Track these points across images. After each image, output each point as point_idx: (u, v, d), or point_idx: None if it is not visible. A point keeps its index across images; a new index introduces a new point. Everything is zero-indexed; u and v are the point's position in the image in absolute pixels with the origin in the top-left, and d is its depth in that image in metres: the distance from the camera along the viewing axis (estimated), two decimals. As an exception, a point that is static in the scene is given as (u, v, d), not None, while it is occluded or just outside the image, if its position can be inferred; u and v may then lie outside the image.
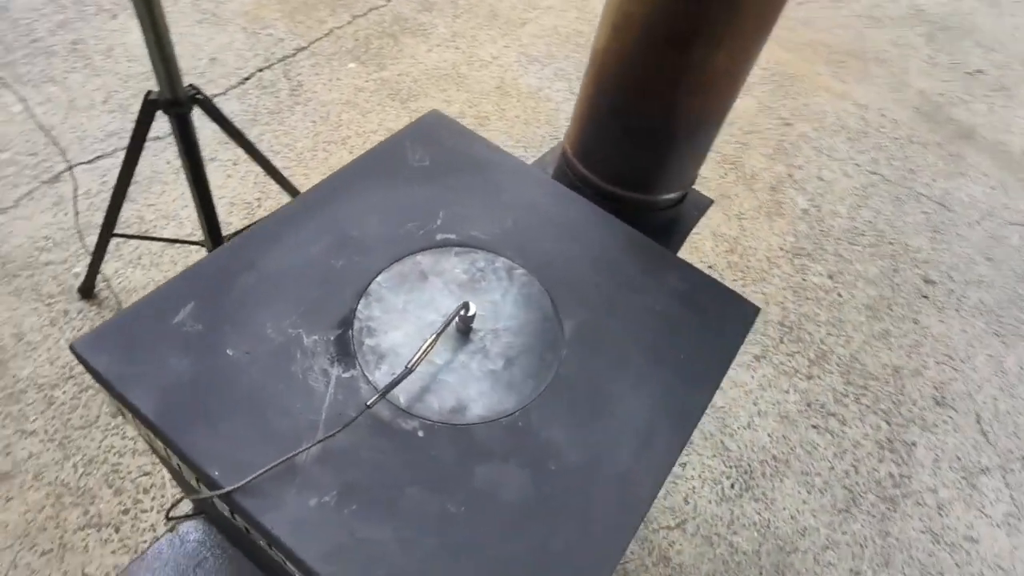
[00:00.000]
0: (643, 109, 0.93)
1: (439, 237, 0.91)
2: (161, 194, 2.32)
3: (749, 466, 1.87)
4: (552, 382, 0.78)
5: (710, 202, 1.16)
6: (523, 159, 1.06)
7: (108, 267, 2.29)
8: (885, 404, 2.08)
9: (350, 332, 0.79)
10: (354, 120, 2.59)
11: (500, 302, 0.84)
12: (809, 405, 2.03)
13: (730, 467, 1.85)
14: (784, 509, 1.80)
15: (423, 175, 0.98)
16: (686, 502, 1.78)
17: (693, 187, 1.13)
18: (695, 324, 0.87)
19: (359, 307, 0.81)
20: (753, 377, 2.08)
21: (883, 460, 1.95)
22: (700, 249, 2.40)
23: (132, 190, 2.43)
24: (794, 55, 3.29)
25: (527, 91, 2.81)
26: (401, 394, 0.74)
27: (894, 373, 2.16)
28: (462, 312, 0.77)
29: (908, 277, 2.46)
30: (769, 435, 1.94)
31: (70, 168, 2.51)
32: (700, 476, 1.83)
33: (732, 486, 1.81)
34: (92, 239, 2.06)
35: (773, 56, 3.25)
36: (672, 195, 1.06)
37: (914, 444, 2.00)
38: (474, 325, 0.81)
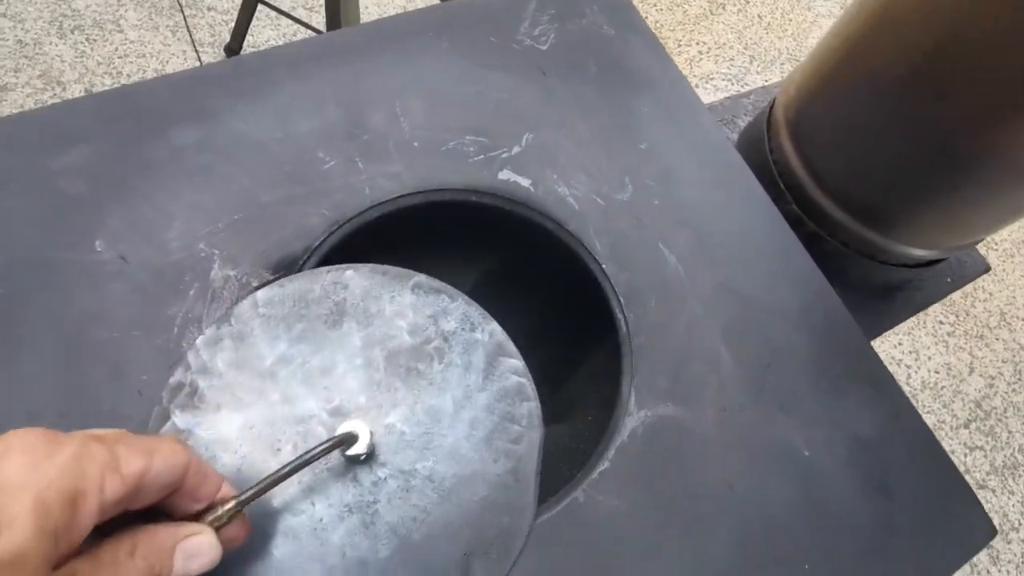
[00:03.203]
0: (971, 117, 0.46)
1: (504, 175, 0.54)
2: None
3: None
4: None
5: (983, 269, 0.67)
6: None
7: (261, 35, 2.11)
8: (1067, 568, 1.53)
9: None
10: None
11: (448, 415, 0.44)
12: (961, 523, 1.52)
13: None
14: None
15: (528, 62, 0.59)
16: None
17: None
18: (865, 524, 0.47)
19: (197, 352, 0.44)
20: (904, 453, 1.58)
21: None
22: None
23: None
24: None
25: (791, -15, 2.14)
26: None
27: (1102, 535, 1.57)
28: (340, 448, 0.40)
29: None
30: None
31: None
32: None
33: None
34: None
35: None
36: (930, 252, 0.60)
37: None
38: (380, 453, 0.42)
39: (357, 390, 0.43)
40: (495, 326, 0.46)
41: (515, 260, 0.59)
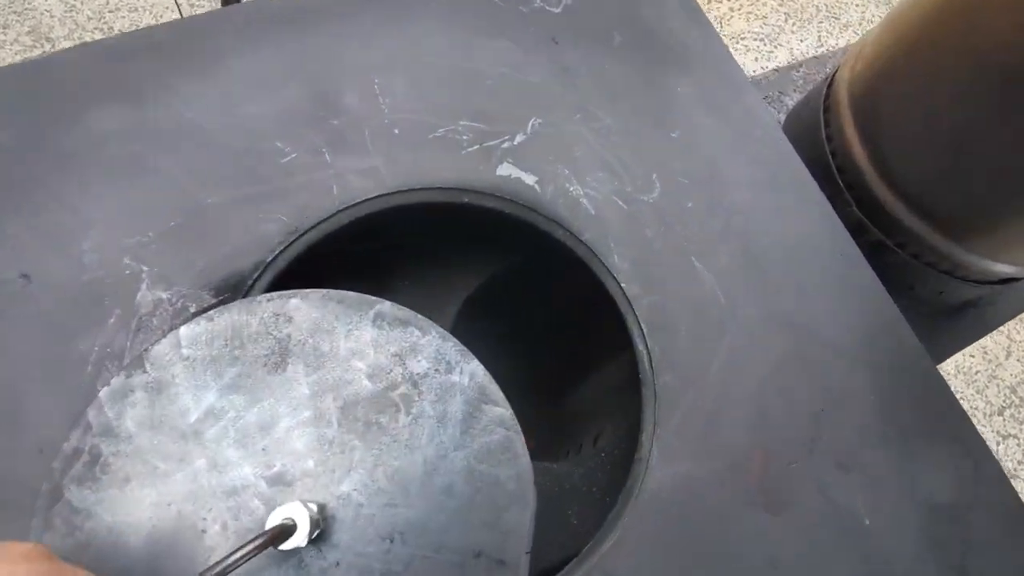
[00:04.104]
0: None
1: (504, 170, 0.44)
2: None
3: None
4: None
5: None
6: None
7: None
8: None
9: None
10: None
11: (417, 482, 0.35)
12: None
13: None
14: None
15: (537, 29, 0.48)
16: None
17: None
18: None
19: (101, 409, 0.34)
20: (932, 447, 1.48)
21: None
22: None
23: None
24: None
25: (832, -64, 1.95)
26: None
27: None
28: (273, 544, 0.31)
29: None
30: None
31: None
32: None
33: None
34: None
35: None
36: (1019, 269, 0.49)
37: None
38: (331, 531, 0.33)
39: (304, 452, 0.34)
40: (476, 366, 0.36)
41: (515, 275, 0.50)
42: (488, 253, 0.48)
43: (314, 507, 0.32)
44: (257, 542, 0.29)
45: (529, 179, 0.43)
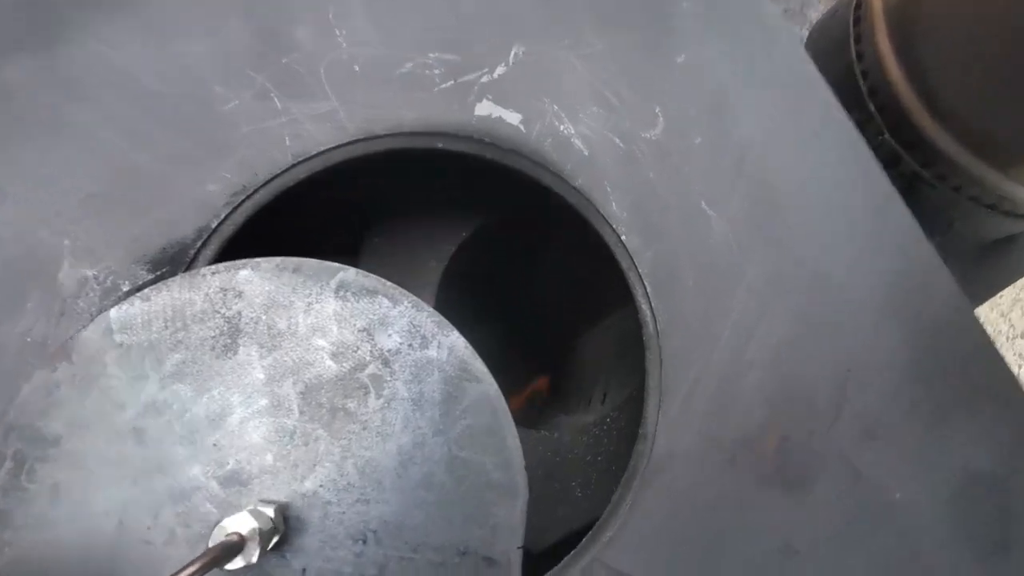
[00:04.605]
0: None
1: (483, 109, 0.38)
2: None
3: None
4: None
5: None
6: None
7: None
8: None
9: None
10: None
11: (391, 473, 0.31)
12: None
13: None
14: None
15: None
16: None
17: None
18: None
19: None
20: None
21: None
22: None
23: None
24: None
25: None
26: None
27: None
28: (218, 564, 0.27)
29: None
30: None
31: None
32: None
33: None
34: None
35: None
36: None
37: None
38: (296, 534, 0.30)
39: (261, 446, 0.30)
40: (456, 338, 0.32)
41: (503, 229, 0.44)
42: (469, 206, 0.43)
43: (270, 512, 0.29)
44: (193, 567, 0.25)
45: (512, 118, 0.38)
